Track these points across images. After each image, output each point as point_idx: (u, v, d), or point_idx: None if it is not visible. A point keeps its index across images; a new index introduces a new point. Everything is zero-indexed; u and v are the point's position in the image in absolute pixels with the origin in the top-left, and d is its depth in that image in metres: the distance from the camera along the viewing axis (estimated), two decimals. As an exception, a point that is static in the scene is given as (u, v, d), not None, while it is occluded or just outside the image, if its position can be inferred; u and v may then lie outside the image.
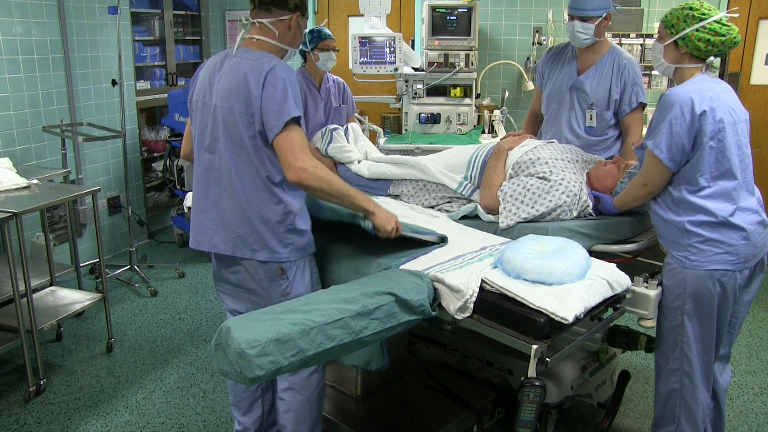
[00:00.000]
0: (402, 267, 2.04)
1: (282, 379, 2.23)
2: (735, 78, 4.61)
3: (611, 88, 2.80)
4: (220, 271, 2.23)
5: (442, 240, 2.21)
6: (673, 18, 2.10)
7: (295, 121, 1.95)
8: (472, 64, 4.39)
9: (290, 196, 2.06)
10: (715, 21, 2.05)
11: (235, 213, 2.05)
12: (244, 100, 1.95)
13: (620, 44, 4.59)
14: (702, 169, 2.04)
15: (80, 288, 3.84)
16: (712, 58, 2.13)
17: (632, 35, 4.59)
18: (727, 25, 2.06)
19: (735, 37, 2.07)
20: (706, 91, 2.03)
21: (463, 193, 2.61)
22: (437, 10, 4.41)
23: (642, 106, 2.82)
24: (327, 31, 3.48)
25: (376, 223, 2.08)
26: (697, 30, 2.05)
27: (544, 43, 4.88)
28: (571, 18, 2.75)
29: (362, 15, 4.25)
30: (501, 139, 2.74)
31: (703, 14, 2.06)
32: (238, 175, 2.02)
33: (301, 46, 3.43)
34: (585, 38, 2.75)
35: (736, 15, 2.15)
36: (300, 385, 2.21)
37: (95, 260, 4.36)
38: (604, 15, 2.71)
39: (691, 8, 2.08)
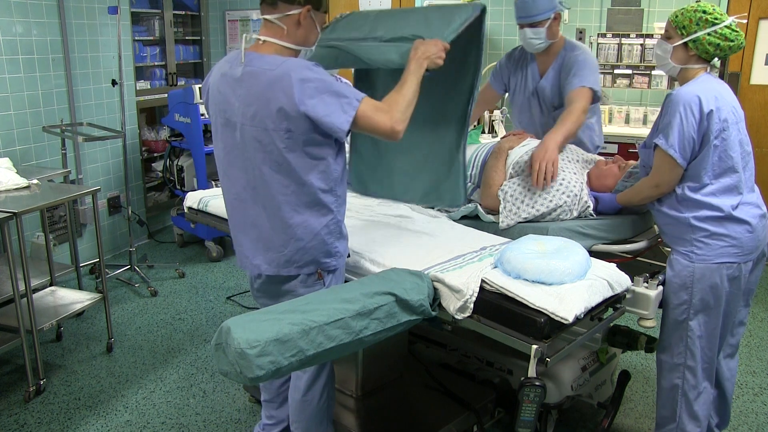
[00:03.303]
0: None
1: (295, 391, 2.21)
2: (735, 78, 4.61)
3: (562, 85, 2.74)
4: (261, 284, 2.16)
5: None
6: (685, 19, 2.09)
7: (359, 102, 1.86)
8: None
9: (340, 203, 2.02)
10: (726, 26, 2.06)
11: (277, 231, 1.97)
12: (277, 117, 1.84)
13: (620, 44, 4.59)
14: (706, 167, 2.07)
15: (80, 288, 3.84)
16: (716, 60, 2.16)
17: (632, 35, 4.59)
18: (736, 31, 2.08)
19: (741, 43, 2.09)
20: (711, 91, 2.06)
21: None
22: (437, 10, 4.40)
23: (589, 91, 2.62)
24: None
25: (424, 61, 1.94)
26: (708, 34, 2.06)
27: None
28: (521, 26, 2.70)
29: (362, 15, 4.25)
30: (501, 138, 2.74)
31: (716, 18, 2.06)
32: (282, 194, 1.93)
33: None
34: (538, 43, 2.70)
35: (744, 21, 2.17)
36: (311, 399, 2.19)
37: (95, 260, 4.36)
38: (553, 16, 2.65)
39: (704, 11, 2.08)
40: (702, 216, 2.09)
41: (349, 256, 2.16)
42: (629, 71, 4.64)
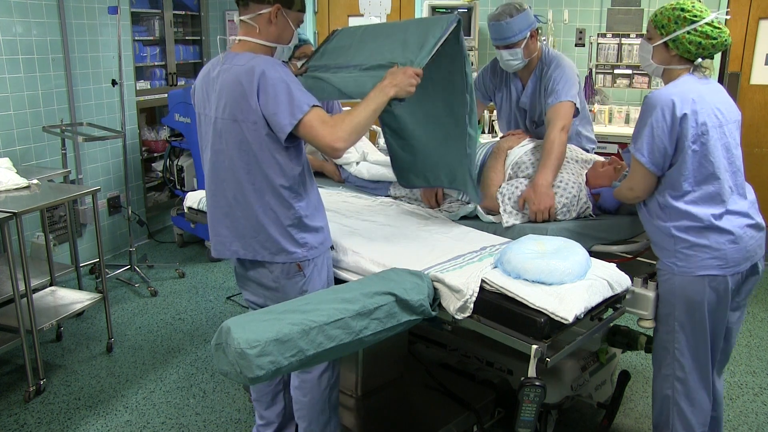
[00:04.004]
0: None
1: (294, 376, 2.24)
2: (735, 78, 4.61)
3: (542, 100, 2.68)
4: (243, 270, 2.24)
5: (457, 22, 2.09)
6: (664, 18, 2.03)
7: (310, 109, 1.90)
8: (472, 64, 4.38)
9: (300, 199, 2.06)
10: (706, 23, 1.98)
11: (249, 220, 2.06)
12: (244, 108, 1.93)
13: (620, 44, 4.59)
14: (685, 173, 2.00)
15: (80, 288, 3.84)
16: (700, 59, 2.08)
17: (632, 35, 4.58)
18: (718, 28, 1.99)
19: (726, 40, 2.01)
20: (690, 93, 1.98)
21: (463, 199, 2.61)
22: (437, 10, 4.42)
23: (566, 104, 2.54)
24: (303, 36, 3.33)
25: (390, 90, 1.94)
26: (688, 32, 1.99)
27: (544, 43, 4.87)
28: (498, 47, 2.65)
29: (362, 15, 4.26)
30: (500, 138, 2.74)
31: (695, 16, 1.98)
32: (249, 183, 2.01)
33: None
34: (516, 63, 2.65)
35: (728, 17, 2.09)
36: (311, 383, 2.22)
37: (95, 260, 4.36)
38: (529, 34, 2.59)
39: (682, 9, 2.00)
40: (683, 226, 2.02)
41: (332, 248, 2.21)
42: (629, 71, 4.64)
